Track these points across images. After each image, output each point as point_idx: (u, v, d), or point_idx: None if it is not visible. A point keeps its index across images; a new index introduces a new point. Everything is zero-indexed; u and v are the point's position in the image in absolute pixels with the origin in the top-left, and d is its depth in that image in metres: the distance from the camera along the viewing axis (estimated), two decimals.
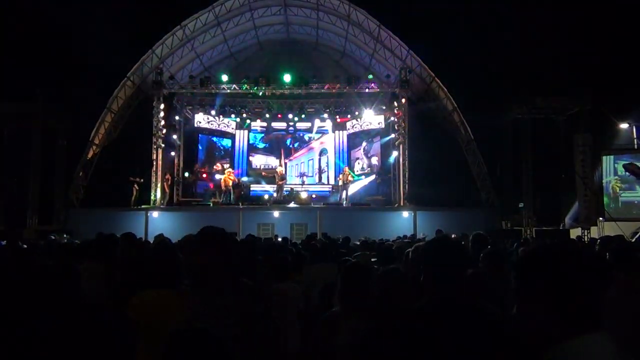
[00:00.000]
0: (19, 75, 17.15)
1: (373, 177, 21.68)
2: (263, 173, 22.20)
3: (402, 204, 18.47)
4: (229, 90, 19.74)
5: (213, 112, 21.36)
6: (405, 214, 17.83)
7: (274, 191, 20.17)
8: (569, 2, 17.89)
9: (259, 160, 23.08)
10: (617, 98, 16.99)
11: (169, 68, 20.31)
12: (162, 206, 18.49)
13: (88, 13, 18.91)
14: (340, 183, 19.90)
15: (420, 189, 18.12)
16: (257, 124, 22.74)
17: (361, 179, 21.86)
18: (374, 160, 21.93)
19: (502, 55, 18.34)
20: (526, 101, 17.45)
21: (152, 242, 7.07)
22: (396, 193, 19.51)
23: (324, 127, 22.86)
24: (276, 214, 18.00)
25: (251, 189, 21.09)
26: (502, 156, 18.87)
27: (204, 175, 21.43)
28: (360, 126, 22.37)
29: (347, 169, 20.21)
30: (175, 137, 20.30)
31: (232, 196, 18.98)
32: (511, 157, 18.65)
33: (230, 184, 19.02)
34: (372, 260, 5.27)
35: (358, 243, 9.76)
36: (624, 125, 17.83)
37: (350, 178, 19.83)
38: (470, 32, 18.82)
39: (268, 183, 21.17)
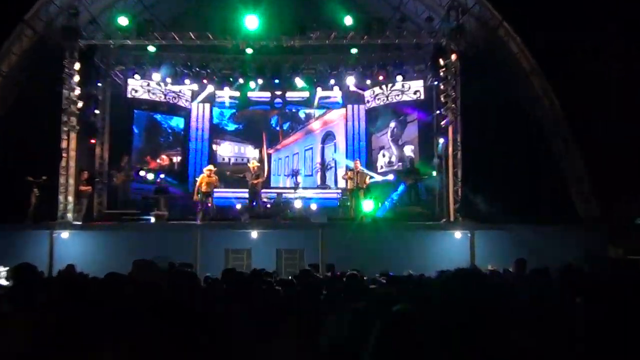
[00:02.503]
0: None
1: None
2: (227, 172, 18.27)
3: (452, 219, 15.54)
4: (181, 42, 16.12)
5: (157, 76, 17.62)
6: (458, 234, 14.92)
7: (248, 199, 16.67)
8: None
9: (226, 150, 19.59)
10: None
11: (89, 7, 16.57)
12: (75, 222, 15.52)
13: None
14: (350, 186, 15.92)
15: (481, 196, 14.87)
16: (225, 94, 18.93)
17: (387, 180, 18.20)
18: (408, 151, 18.34)
19: None
20: None
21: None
22: (443, 202, 16.53)
23: (330, 98, 19.33)
24: (254, 234, 14.87)
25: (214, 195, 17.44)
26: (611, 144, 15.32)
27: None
28: (387, 97, 18.72)
29: (358, 163, 16.13)
30: (97, 113, 17.31)
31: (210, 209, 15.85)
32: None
33: (212, 189, 15.68)
34: None
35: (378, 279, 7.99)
36: None
37: (367, 180, 15.83)
38: None
39: (239, 186, 17.40)
